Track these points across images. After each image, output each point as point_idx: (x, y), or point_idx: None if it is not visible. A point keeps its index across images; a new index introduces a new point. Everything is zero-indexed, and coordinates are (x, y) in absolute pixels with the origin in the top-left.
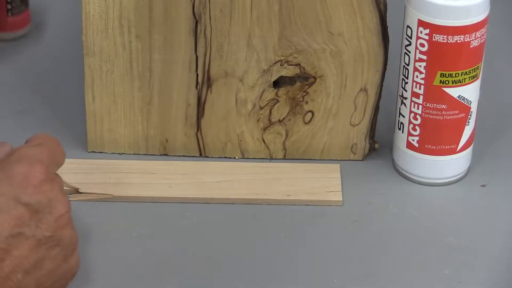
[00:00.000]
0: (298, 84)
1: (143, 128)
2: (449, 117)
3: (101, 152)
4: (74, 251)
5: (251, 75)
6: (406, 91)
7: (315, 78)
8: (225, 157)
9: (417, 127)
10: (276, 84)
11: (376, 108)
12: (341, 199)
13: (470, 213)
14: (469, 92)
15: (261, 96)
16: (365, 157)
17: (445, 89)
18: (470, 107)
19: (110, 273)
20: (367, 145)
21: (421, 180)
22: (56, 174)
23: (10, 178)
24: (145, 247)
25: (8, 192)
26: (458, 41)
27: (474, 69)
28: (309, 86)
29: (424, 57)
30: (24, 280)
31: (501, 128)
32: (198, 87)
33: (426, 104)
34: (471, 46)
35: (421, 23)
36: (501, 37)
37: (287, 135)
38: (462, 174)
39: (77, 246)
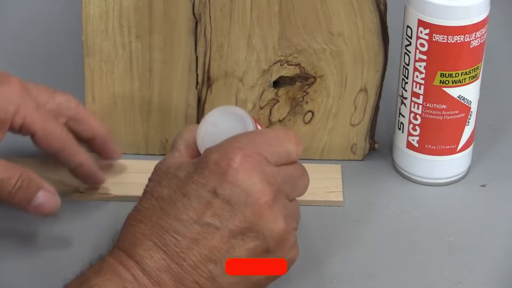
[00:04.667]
0: (298, 84)
1: (143, 128)
2: (449, 117)
3: None
4: (281, 244)
5: (251, 75)
6: (406, 91)
7: (315, 78)
8: None
9: (417, 127)
10: (276, 84)
11: (376, 108)
12: (342, 199)
13: (470, 213)
14: (469, 92)
15: (261, 96)
16: (365, 157)
17: (445, 89)
18: (470, 107)
19: None
20: (367, 145)
21: (421, 180)
22: (263, 161)
23: (205, 167)
24: None
25: (200, 180)
26: (458, 41)
27: (474, 69)
28: (309, 86)
29: (424, 57)
30: (216, 271)
31: (501, 128)
32: (198, 87)
33: (426, 104)
34: (471, 46)
35: (421, 23)
36: (501, 37)
37: None
38: (462, 174)
39: (290, 237)
